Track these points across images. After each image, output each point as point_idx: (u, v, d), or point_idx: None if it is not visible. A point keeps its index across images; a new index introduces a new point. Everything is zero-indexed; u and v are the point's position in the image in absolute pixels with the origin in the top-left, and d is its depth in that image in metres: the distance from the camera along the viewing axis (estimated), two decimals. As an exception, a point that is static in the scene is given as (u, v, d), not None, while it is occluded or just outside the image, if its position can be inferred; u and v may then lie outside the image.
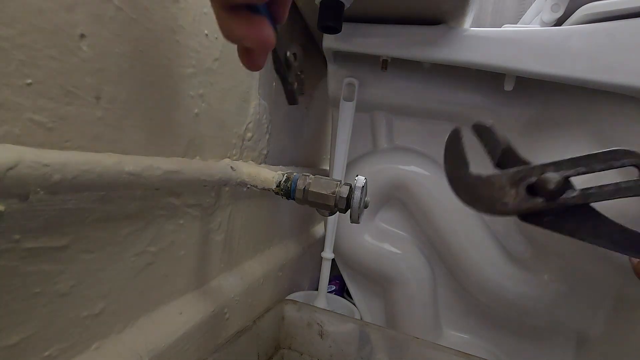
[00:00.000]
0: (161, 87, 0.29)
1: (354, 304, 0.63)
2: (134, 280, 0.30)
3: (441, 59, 0.47)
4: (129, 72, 0.26)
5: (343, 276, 0.63)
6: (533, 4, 0.70)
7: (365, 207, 0.28)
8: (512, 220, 0.55)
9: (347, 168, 0.56)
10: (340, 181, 0.27)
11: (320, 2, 0.39)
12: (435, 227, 0.56)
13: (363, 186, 0.27)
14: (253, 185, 0.37)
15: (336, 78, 0.56)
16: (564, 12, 0.52)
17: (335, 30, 0.40)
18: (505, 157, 0.24)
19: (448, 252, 0.56)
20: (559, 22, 0.53)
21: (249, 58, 0.23)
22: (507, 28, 0.46)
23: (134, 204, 0.28)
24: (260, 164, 0.46)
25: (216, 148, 0.38)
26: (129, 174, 0.22)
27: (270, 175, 0.32)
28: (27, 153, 0.17)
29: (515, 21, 1.01)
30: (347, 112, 0.54)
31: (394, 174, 0.56)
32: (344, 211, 0.27)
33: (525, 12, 0.74)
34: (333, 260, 0.58)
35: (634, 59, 0.40)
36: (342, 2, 0.39)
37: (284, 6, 0.24)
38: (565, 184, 0.21)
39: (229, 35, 0.21)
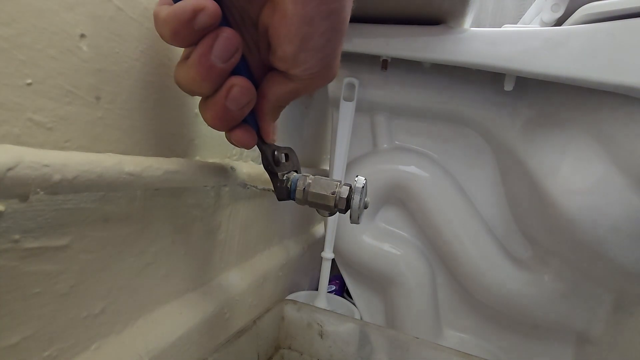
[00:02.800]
0: (161, 87, 0.29)
1: (354, 304, 0.63)
2: (134, 280, 0.30)
3: (441, 59, 0.47)
4: (129, 72, 0.26)
5: (343, 276, 0.63)
6: (533, 4, 0.70)
7: (365, 207, 0.28)
8: (512, 220, 0.56)
9: (347, 168, 0.56)
10: (340, 181, 0.27)
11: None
12: (435, 227, 0.56)
13: (363, 186, 0.27)
14: (253, 185, 0.37)
15: (336, 78, 0.56)
16: (564, 12, 0.52)
17: None
18: None
19: (448, 252, 0.56)
20: (559, 22, 0.53)
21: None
22: (507, 28, 0.46)
23: (134, 204, 0.28)
24: (260, 163, 0.46)
25: (216, 148, 0.38)
26: (129, 174, 0.22)
27: (270, 175, 0.32)
28: (27, 153, 0.17)
29: (515, 21, 1.01)
30: (347, 112, 0.54)
31: (394, 174, 0.56)
32: (344, 212, 0.27)
33: (525, 12, 0.74)
34: (333, 260, 0.58)
35: (634, 59, 0.40)
36: None
37: (264, 124, 0.26)
38: None
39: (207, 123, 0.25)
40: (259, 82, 0.25)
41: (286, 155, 0.29)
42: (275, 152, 0.28)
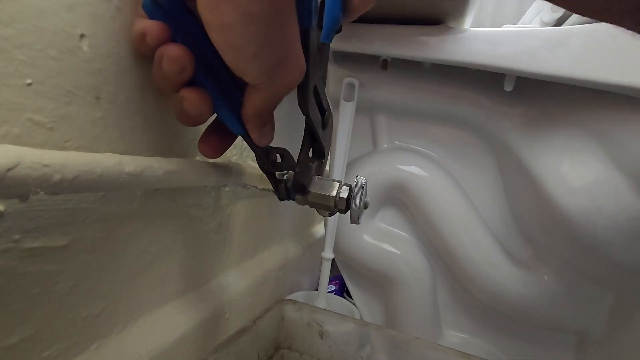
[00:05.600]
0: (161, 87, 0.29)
1: (354, 304, 0.63)
2: (134, 280, 0.30)
3: (441, 59, 0.47)
4: (129, 72, 0.26)
5: (343, 276, 0.63)
6: (533, 4, 0.70)
7: (365, 207, 0.28)
8: (512, 220, 0.56)
9: (347, 168, 0.56)
10: (340, 181, 0.27)
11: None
12: (435, 227, 0.56)
13: (363, 187, 0.27)
14: (253, 185, 0.37)
15: (336, 78, 0.56)
16: (564, 12, 0.52)
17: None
18: None
19: (448, 252, 0.56)
20: (559, 22, 0.53)
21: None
22: (507, 28, 0.46)
23: (134, 204, 0.28)
24: (260, 164, 0.46)
25: (216, 148, 0.38)
26: (129, 174, 0.22)
27: (270, 175, 0.32)
28: (27, 153, 0.17)
29: (515, 21, 1.01)
30: (347, 112, 0.54)
31: (394, 174, 0.56)
32: (344, 212, 0.27)
33: (525, 12, 0.74)
34: (333, 260, 0.58)
35: (634, 59, 0.40)
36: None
37: (251, 132, 0.26)
38: None
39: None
40: (243, 89, 0.25)
41: (281, 156, 0.29)
42: (269, 153, 0.28)
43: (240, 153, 0.43)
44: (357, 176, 0.28)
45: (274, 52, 0.21)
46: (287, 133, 0.58)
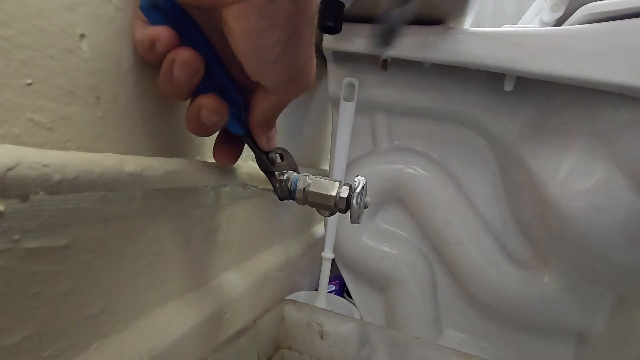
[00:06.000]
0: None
1: (354, 304, 0.63)
2: (134, 280, 0.30)
3: (441, 59, 0.47)
4: (129, 72, 0.26)
5: (343, 276, 0.63)
6: (533, 4, 0.70)
7: (365, 207, 0.28)
8: (512, 220, 0.56)
9: (347, 168, 0.56)
10: (340, 181, 0.27)
11: (320, 2, 0.39)
12: (435, 227, 0.56)
13: (363, 186, 0.27)
14: (253, 185, 0.37)
15: (336, 78, 0.56)
16: (564, 12, 0.52)
17: (335, 30, 0.40)
18: None
19: (448, 252, 0.56)
20: (559, 22, 0.53)
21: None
22: (507, 28, 0.46)
23: (134, 204, 0.28)
24: (260, 164, 0.46)
25: (216, 148, 0.38)
26: (129, 174, 0.22)
27: (270, 175, 0.32)
28: (27, 153, 0.17)
29: (515, 21, 1.01)
30: (347, 112, 0.54)
31: (394, 174, 0.56)
32: (344, 211, 0.27)
33: (525, 12, 0.74)
34: (333, 260, 0.58)
35: (635, 59, 0.40)
36: (342, 2, 0.39)
37: (257, 136, 0.27)
38: None
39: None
40: (250, 92, 0.26)
41: (281, 156, 0.29)
42: (269, 153, 0.28)
43: (240, 153, 0.43)
44: (357, 176, 0.28)
45: (292, 59, 0.23)
46: (288, 133, 0.58)
